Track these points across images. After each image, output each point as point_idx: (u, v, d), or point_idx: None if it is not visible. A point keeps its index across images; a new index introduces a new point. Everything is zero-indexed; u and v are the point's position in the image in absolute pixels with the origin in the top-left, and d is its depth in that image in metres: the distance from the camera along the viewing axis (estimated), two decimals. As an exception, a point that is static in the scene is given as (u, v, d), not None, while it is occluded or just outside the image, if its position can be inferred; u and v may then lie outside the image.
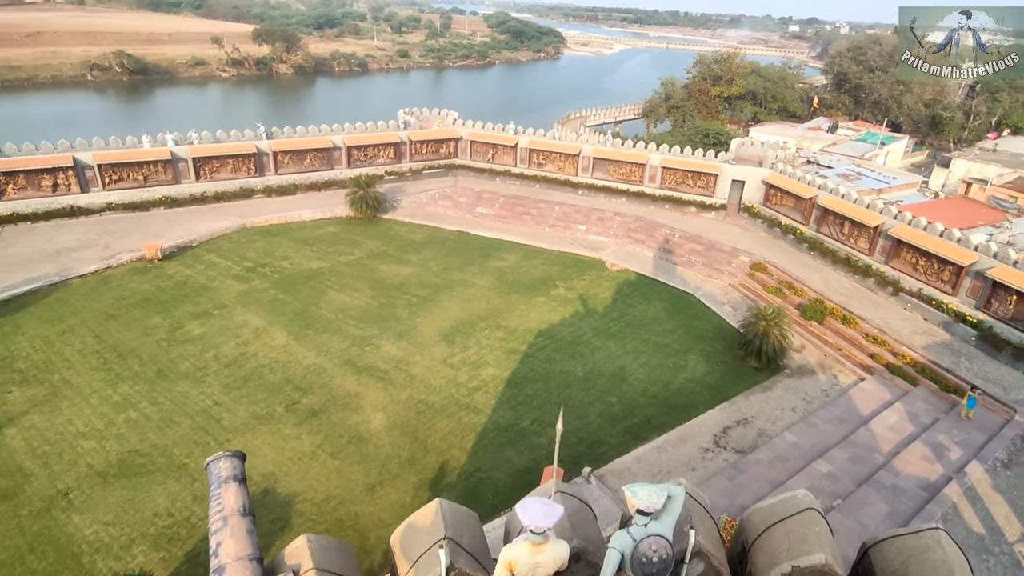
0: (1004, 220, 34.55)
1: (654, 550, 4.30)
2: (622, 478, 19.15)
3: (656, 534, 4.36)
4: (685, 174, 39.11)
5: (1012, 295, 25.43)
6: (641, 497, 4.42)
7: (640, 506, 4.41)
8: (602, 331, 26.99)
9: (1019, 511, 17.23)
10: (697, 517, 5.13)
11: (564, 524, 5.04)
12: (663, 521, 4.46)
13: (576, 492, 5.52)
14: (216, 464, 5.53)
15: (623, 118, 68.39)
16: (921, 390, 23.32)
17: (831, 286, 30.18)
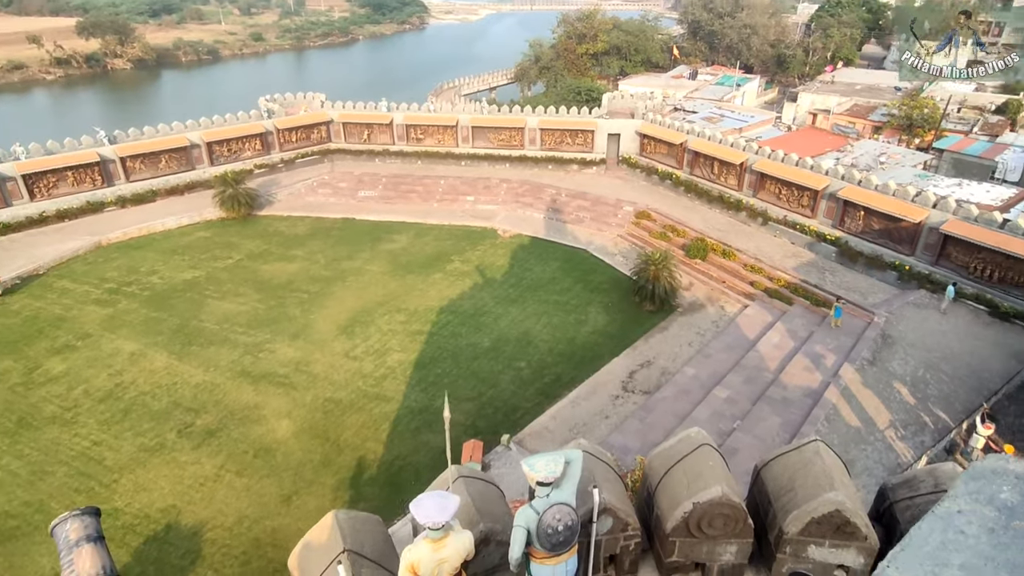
0: (847, 144, 38.14)
1: (558, 519, 4.22)
2: (541, 439, 19.49)
3: (559, 502, 4.27)
4: (563, 133, 39.60)
5: (860, 211, 28.16)
6: (539, 469, 4.30)
7: (539, 478, 4.29)
8: (503, 298, 27.06)
9: (886, 402, 19.35)
10: (600, 474, 5.11)
11: (469, 509, 4.85)
12: (564, 488, 4.38)
13: (478, 474, 5.34)
14: (63, 527, 4.78)
15: (497, 84, 68.08)
16: (797, 308, 25.41)
17: (709, 224, 31.98)
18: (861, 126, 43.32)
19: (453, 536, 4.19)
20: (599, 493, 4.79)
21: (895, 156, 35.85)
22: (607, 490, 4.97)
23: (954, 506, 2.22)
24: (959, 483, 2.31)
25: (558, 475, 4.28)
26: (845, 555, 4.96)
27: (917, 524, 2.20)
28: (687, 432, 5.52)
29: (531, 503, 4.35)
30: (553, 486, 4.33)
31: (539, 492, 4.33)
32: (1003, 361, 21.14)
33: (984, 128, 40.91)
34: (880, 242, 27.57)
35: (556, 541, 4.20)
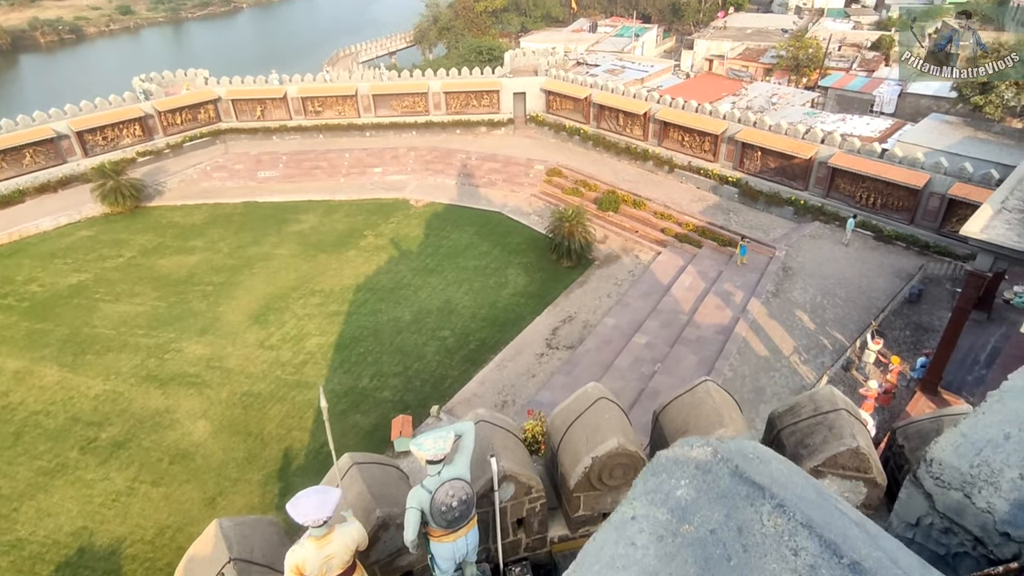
0: (742, 88, 39.48)
1: (451, 495, 4.11)
2: (471, 406, 19.51)
3: (452, 478, 4.16)
4: (468, 95, 38.76)
5: (757, 152, 29.38)
6: (427, 447, 4.15)
7: (428, 456, 4.15)
8: (421, 269, 26.59)
9: (789, 330, 20.61)
10: (499, 442, 5.04)
11: (364, 496, 4.67)
12: (457, 462, 4.26)
13: (373, 458, 5.15)
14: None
15: (396, 48, 65.48)
16: (705, 250, 26.44)
17: (619, 176, 32.49)
18: (754, 69, 44.95)
19: (338, 530, 4.01)
20: (497, 461, 4.72)
21: (785, 96, 37.52)
22: (507, 457, 4.91)
23: (629, 511, 1.83)
24: (638, 481, 1.94)
25: (447, 451, 4.16)
26: (739, 486, 5.16)
27: (592, 536, 1.83)
28: (584, 388, 5.54)
29: (422, 482, 4.21)
30: (444, 462, 4.20)
31: (430, 470, 4.20)
32: (888, 280, 22.92)
33: (862, 64, 43.45)
34: (777, 180, 28.96)
35: (452, 517, 4.10)
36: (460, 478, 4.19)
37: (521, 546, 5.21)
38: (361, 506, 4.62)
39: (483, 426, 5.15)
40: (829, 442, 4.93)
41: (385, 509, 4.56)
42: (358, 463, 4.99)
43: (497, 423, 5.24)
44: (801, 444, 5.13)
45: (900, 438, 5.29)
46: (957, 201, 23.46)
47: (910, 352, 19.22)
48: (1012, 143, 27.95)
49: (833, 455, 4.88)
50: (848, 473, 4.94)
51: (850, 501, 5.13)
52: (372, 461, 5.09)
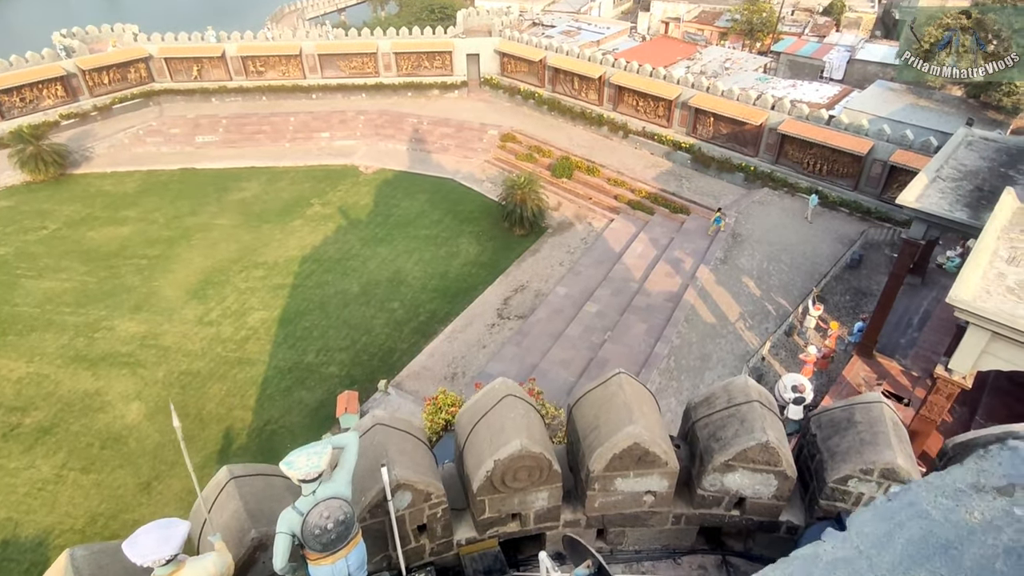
0: (696, 52, 39.10)
1: (326, 516, 3.78)
2: (420, 379, 19.25)
3: (328, 497, 3.82)
4: (420, 56, 37.29)
5: (710, 118, 29.22)
6: (298, 466, 3.79)
7: (299, 476, 3.79)
8: (370, 239, 25.83)
9: (736, 296, 20.84)
10: (396, 446, 4.73)
11: (240, 515, 4.32)
12: (336, 479, 3.93)
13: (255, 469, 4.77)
14: None
15: (346, 4, 62.45)
16: (658, 217, 26.40)
17: (574, 141, 32.00)
18: (709, 32, 44.52)
19: (190, 564, 3.66)
20: (391, 469, 4.41)
21: (739, 61, 37.32)
22: (403, 463, 4.61)
23: None
24: None
25: (322, 468, 3.82)
26: (649, 482, 5.02)
27: None
28: (492, 384, 5.25)
29: (294, 504, 3.87)
30: (320, 480, 3.86)
31: (304, 490, 3.86)
32: (832, 246, 23.34)
33: (814, 29, 43.47)
34: (728, 146, 28.94)
35: (327, 540, 3.79)
36: (338, 496, 3.86)
37: (425, 551, 4.98)
38: (236, 527, 4.26)
39: (379, 430, 4.82)
40: (740, 436, 4.80)
41: (263, 528, 4.22)
42: (237, 477, 4.61)
43: (395, 426, 4.92)
44: (714, 437, 4.99)
45: (814, 427, 5.20)
46: (898, 168, 23.87)
47: (849, 317, 19.69)
48: (951, 110, 28.50)
49: (743, 449, 4.75)
50: (759, 467, 4.83)
51: (760, 494, 5.05)
52: (254, 473, 4.72)
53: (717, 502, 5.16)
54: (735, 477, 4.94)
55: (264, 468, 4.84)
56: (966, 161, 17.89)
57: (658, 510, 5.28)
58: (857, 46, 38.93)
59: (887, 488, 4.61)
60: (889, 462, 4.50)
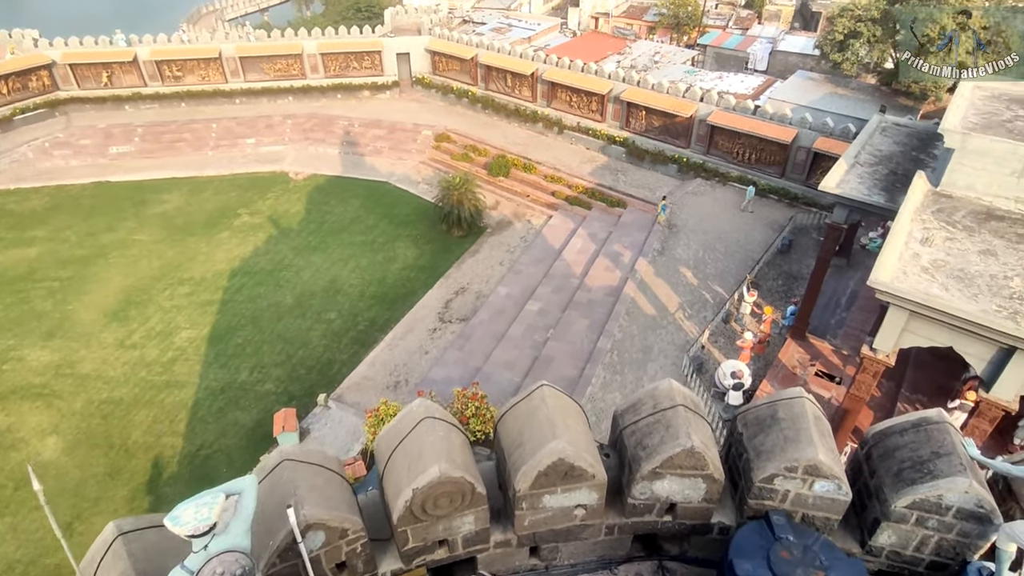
0: (626, 46, 39.61)
1: (220, 572, 3.40)
2: (361, 390, 18.68)
3: (222, 551, 3.44)
4: (348, 57, 36.32)
5: (642, 111, 29.61)
6: (185, 520, 3.39)
7: (187, 532, 3.39)
8: (303, 248, 24.92)
9: (674, 286, 21.14)
10: (307, 482, 4.37)
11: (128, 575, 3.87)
12: (232, 528, 3.55)
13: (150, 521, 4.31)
14: None
15: (269, 4, 60.26)
16: (595, 211, 26.55)
17: (509, 139, 31.83)
18: (638, 27, 45.23)
19: None
20: (297, 510, 4.05)
21: (667, 55, 38.02)
22: (314, 500, 4.26)
23: None
24: None
25: (213, 520, 3.43)
26: (578, 496, 4.84)
27: None
28: (409, 407, 4.95)
29: (183, 563, 3.48)
30: (213, 533, 3.48)
31: (194, 546, 3.47)
32: (763, 232, 24.02)
33: (737, 22, 44.81)
34: (661, 138, 29.41)
35: (222, 599, 3.42)
36: (234, 549, 3.48)
37: (346, 589, 4.65)
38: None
39: (287, 466, 4.44)
40: (666, 442, 4.67)
41: (150, 592, 3.80)
42: (125, 533, 4.15)
43: (305, 459, 4.56)
44: (640, 445, 4.85)
45: (740, 425, 5.14)
46: (821, 154, 24.79)
47: (782, 301, 20.29)
48: (866, 98, 29.89)
49: (670, 456, 4.62)
50: (686, 472, 4.72)
51: (690, 498, 4.94)
52: (146, 526, 4.27)
53: (648, 509, 5.03)
54: (664, 484, 4.81)
55: (158, 519, 4.38)
56: (881, 146, 18.69)
57: (590, 522, 5.11)
58: (778, 38, 40.33)
59: (811, 484, 4.57)
60: (812, 459, 4.46)
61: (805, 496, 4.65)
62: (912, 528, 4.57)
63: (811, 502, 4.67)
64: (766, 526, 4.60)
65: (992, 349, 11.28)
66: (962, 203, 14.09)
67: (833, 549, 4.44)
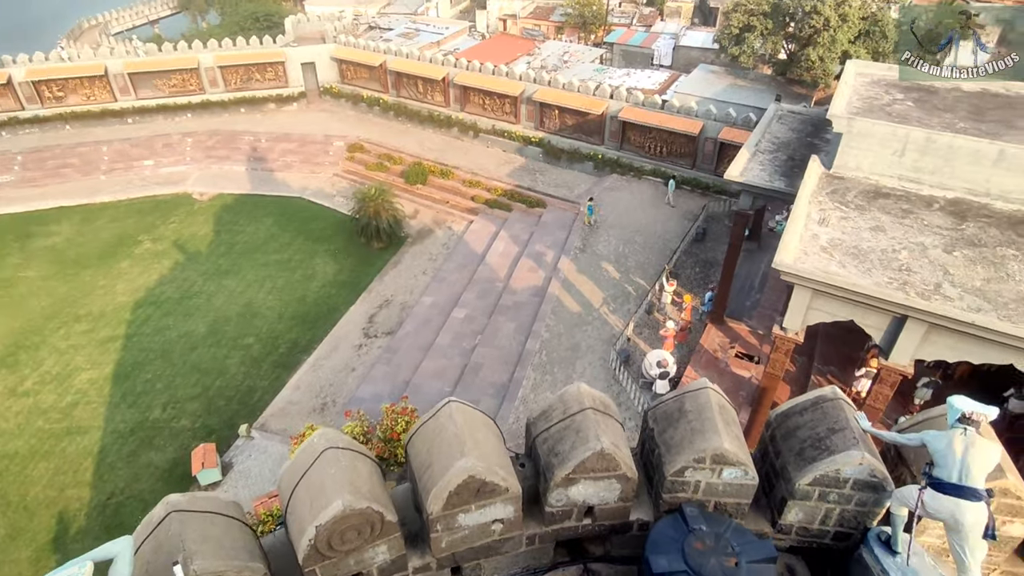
0: (535, 47, 40.06)
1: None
2: (286, 416, 17.87)
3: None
4: (249, 69, 34.83)
5: (555, 111, 30.00)
6: None
7: None
8: (214, 272, 23.61)
9: (597, 282, 21.47)
10: (198, 532, 3.99)
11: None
12: (107, 598, 3.17)
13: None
14: None
15: (159, 16, 56.92)
16: (516, 213, 26.62)
17: (425, 145, 31.45)
18: (545, 27, 45.87)
19: None
20: (187, 567, 3.69)
21: (576, 54, 38.73)
22: (206, 553, 3.89)
23: None
24: None
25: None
26: (494, 511, 4.69)
27: None
28: (311, 439, 4.65)
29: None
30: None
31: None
32: (678, 223, 24.83)
33: (640, 20, 46.29)
34: (575, 136, 29.90)
35: None
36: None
37: (250, 641, 4.29)
38: None
39: (175, 518, 4.05)
40: (577, 447, 4.60)
41: None
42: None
43: (196, 508, 4.17)
44: (552, 452, 4.76)
45: (651, 421, 5.14)
46: (727, 144, 25.90)
47: (701, 288, 21.01)
48: (764, 88, 31.55)
49: (581, 461, 4.55)
50: (599, 475, 4.66)
51: (607, 500, 4.89)
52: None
53: (567, 515, 4.95)
54: (579, 488, 4.74)
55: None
56: (779, 134, 19.72)
57: (510, 535, 4.97)
58: (680, 34, 41.93)
59: (719, 472, 4.62)
60: (718, 448, 4.50)
61: (715, 485, 4.70)
62: (816, 503, 4.70)
63: (721, 490, 4.72)
64: (680, 519, 4.61)
65: (887, 319, 12.03)
66: (853, 183, 15.02)
67: (744, 533, 4.50)
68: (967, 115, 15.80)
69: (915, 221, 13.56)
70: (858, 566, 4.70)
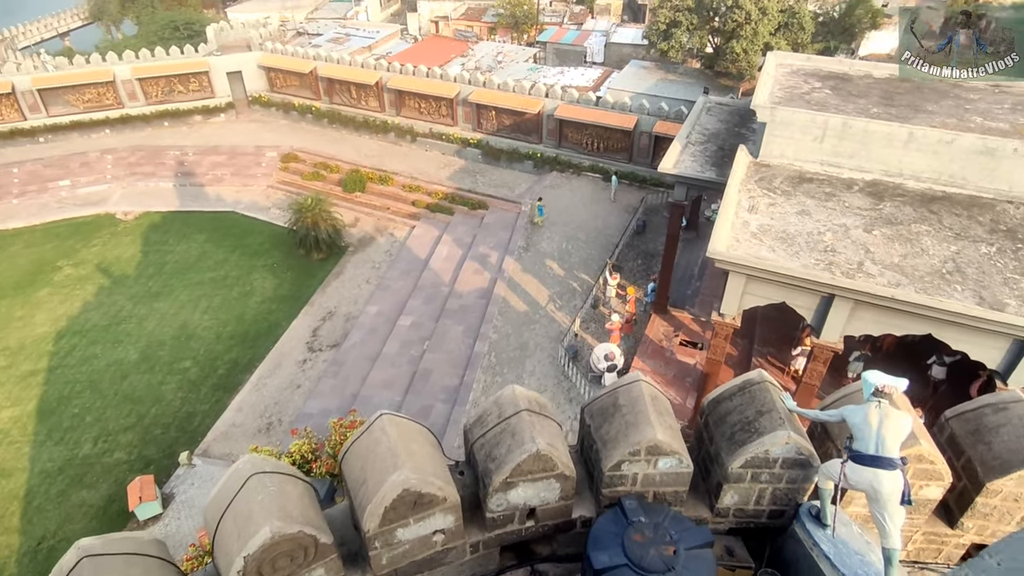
0: (468, 48, 39.97)
1: None
2: (230, 439, 17.21)
3: None
4: (171, 80, 33.38)
5: (491, 112, 29.99)
6: None
7: None
8: (144, 295, 22.49)
9: (542, 280, 21.58)
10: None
11: None
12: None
13: None
14: None
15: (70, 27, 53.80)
16: (458, 216, 26.46)
17: (362, 152, 30.89)
18: (478, 28, 45.84)
19: None
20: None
21: (510, 54, 38.85)
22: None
23: None
24: None
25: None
26: (433, 522, 4.60)
27: None
28: (236, 465, 4.45)
29: None
30: None
31: None
32: (619, 217, 25.23)
33: (572, 18, 46.86)
34: (514, 136, 29.97)
35: None
36: None
37: None
38: None
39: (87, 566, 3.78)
40: (513, 451, 4.55)
41: None
42: None
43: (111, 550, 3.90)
44: (490, 457, 4.70)
45: (587, 417, 5.15)
46: (661, 137, 26.48)
47: (643, 279, 21.41)
48: (693, 81, 32.44)
49: (518, 464, 4.51)
50: (537, 476, 4.63)
51: (547, 500, 4.87)
52: None
53: (509, 519, 4.90)
54: (518, 491, 4.70)
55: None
56: (708, 125, 20.29)
57: (452, 545, 4.88)
58: (611, 30, 42.63)
59: (655, 463, 4.66)
60: (651, 439, 4.54)
61: (652, 475, 4.74)
62: (750, 485, 4.81)
63: (658, 480, 4.77)
64: (620, 512, 4.63)
65: (816, 299, 12.55)
66: (779, 170, 15.59)
67: (682, 521, 4.56)
68: (879, 100, 16.66)
69: (837, 204, 14.19)
70: (792, 540, 4.84)
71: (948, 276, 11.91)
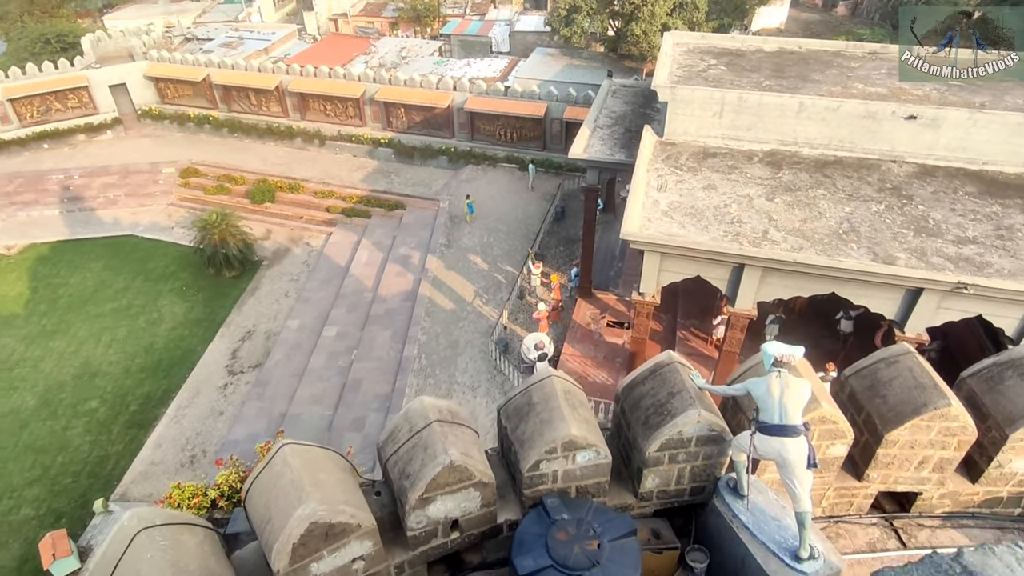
0: (371, 45, 38.96)
1: None
2: (150, 479, 16.11)
3: None
4: (46, 98, 30.67)
5: (400, 109, 29.34)
6: None
7: None
8: (37, 335, 20.62)
9: (467, 276, 21.37)
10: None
11: None
12: None
13: None
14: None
15: (-76, 48, 48.44)
16: (376, 219, 25.77)
17: (268, 161, 29.52)
18: (379, 24, 44.70)
19: None
20: None
21: (414, 49, 38.16)
22: None
23: None
24: None
25: None
26: (349, 550, 4.35)
27: None
28: (120, 524, 4.07)
29: None
30: None
31: None
32: (538, 205, 25.32)
33: (474, 8, 46.47)
34: (426, 132, 29.46)
35: None
36: None
37: None
38: None
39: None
40: (427, 465, 4.37)
41: None
42: None
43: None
44: (403, 475, 4.49)
45: (503, 419, 5.04)
46: (571, 123, 26.69)
47: (567, 265, 21.59)
48: (598, 65, 32.95)
49: (433, 478, 4.32)
50: (454, 488, 4.47)
51: (469, 510, 4.72)
52: None
53: (432, 535, 4.71)
54: (437, 506, 4.52)
55: None
56: (615, 108, 20.60)
57: (375, 570, 4.64)
58: (514, 19, 42.59)
59: (573, 458, 4.60)
60: (566, 435, 4.47)
61: (572, 471, 4.68)
62: (668, 467, 4.84)
63: (578, 474, 4.71)
64: (543, 512, 4.54)
65: (728, 269, 12.99)
66: (684, 148, 16.01)
67: (604, 512, 4.52)
68: (771, 73, 17.40)
69: (740, 175, 14.72)
70: (713, 514, 4.92)
71: (844, 236, 12.61)
